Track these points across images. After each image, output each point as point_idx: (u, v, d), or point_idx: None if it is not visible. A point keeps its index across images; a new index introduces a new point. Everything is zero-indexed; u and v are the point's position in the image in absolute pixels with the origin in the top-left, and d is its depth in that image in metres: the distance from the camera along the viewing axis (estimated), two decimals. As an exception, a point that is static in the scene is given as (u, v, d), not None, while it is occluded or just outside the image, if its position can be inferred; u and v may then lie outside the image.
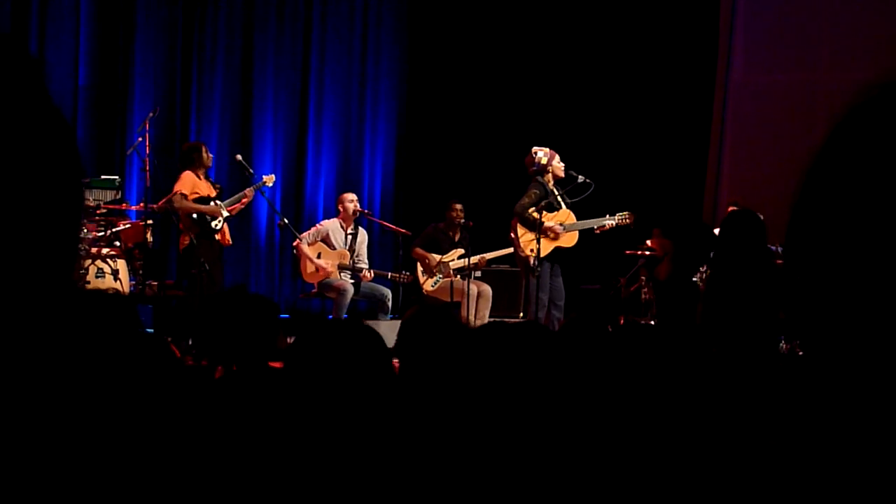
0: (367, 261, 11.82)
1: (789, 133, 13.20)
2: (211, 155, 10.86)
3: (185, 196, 10.36)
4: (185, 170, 10.67)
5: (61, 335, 1.20)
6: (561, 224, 10.74)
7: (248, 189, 11.06)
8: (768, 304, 7.29)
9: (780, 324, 7.45)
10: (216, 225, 10.45)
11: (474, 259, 11.68)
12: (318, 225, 11.95)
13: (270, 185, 11.39)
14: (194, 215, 10.38)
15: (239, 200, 10.91)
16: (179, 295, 11.13)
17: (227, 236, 10.71)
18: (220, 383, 3.91)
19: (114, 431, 1.29)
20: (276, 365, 4.29)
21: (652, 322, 11.97)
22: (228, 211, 10.69)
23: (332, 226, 11.71)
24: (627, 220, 10.96)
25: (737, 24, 14.58)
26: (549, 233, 10.63)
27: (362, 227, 12.03)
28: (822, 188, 0.97)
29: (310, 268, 11.49)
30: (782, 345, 10.18)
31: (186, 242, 10.41)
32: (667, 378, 2.59)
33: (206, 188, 10.57)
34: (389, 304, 11.55)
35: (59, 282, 1.08)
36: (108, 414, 1.29)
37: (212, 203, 10.50)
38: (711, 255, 9.02)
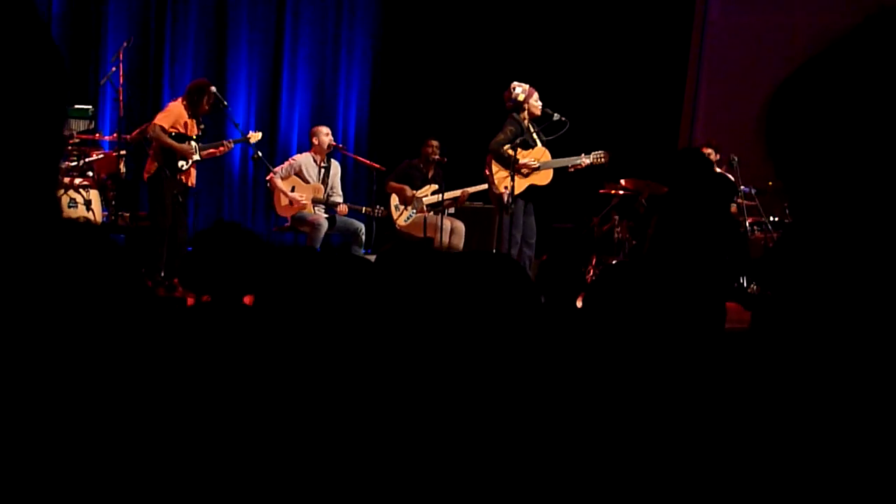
0: (341, 193, 11.77)
1: (765, 74, 13.18)
2: (208, 106, 10.65)
3: (162, 129, 10.26)
4: (179, 100, 10.59)
5: (42, 262, 1.20)
6: (536, 161, 10.74)
7: (227, 140, 10.98)
8: (724, 243, 7.27)
9: (747, 265, 7.43)
10: (182, 166, 10.35)
11: (456, 193, 11.69)
12: (290, 160, 11.86)
13: (253, 142, 11.19)
14: (165, 149, 10.31)
15: (216, 147, 10.81)
16: (147, 225, 11.04)
17: (192, 178, 10.59)
18: (194, 314, 3.91)
19: (85, 358, 1.29)
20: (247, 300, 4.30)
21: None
22: (202, 155, 10.61)
23: (304, 160, 11.63)
24: (602, 160, 10.96)
25: (715, -36, 14.53)
26: (522, 170, 10.64)
27: (335, 160, 11.96)
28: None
29: (283, 201, 11.45)
30: (753, 286, 10.23)
31: (153, 171, 10.32)
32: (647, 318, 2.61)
33: (189, 126, 10.46)
34: (363, 238, 11.53)
35: (41, 206, 1.08)
36: (81, 341, 1.29)
37: (188, 143, 10.40)
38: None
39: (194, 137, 10.46)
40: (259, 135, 11.31)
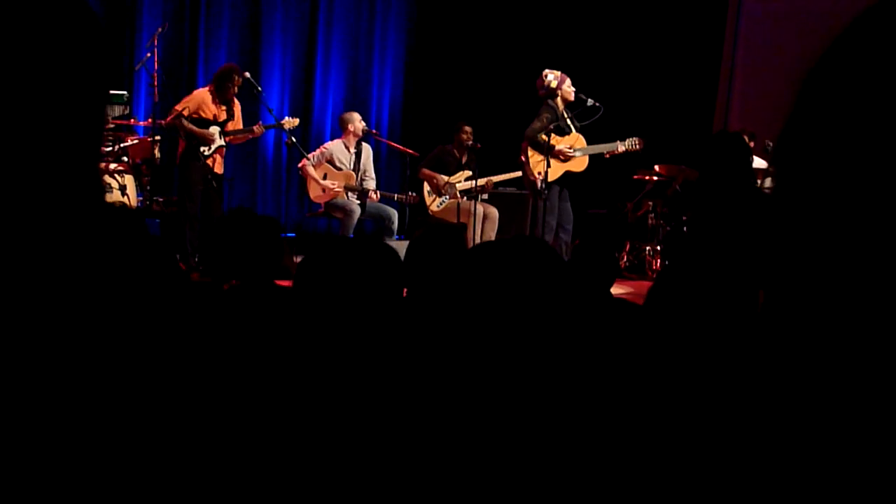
0: (374, 175, 11.76)
1: (800, 60, 13.05)
2: (235, 89, 10.64)
3: (181, 116, 10.34)
4: (206, 86, 10.65)
5: (82, 245, 1.20)
6: (571, 148, 10.73)
7: (256, 126, 10.99)
8: (753, 230, 7.14)
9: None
10: (205, 151, 10.40)
11: (481, 181, 11.66)
12: (321, 147, 11.85)
13: (288, 128, 11.14)
14: (189, 134, 10.36)
15: (246, 132, 10.84)
16: (174, 210, 11.09)
17: (218, 166, 10.61)
18: (226, 297, 3.93)
19: (120, 341, 1.30)
20: (284, 283, 4.32)
21: (658, 247, 12.00)
22: (228, 141, 10.65)
23: (336, 147, 11.63)
24: (637, 146, 10.95)
25: (751, -51, 14.43)
26: (559, 155, 10.63)
27: (368, 144, 11.95)
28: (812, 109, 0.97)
29: (316, 189, 11.46)
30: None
31: (182, 156, 10.42)
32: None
33: (213, 111, 10.49)
34: (395, 225, 11.53)
35: (84, 189, 1.09)
36: (117, 323, 1.30)
37: (210, 129, 10.44)
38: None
39: (220, 123, 10.50)
40: (296, 121, 11.27)
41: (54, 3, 1.06)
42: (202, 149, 10.38)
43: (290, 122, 11.12)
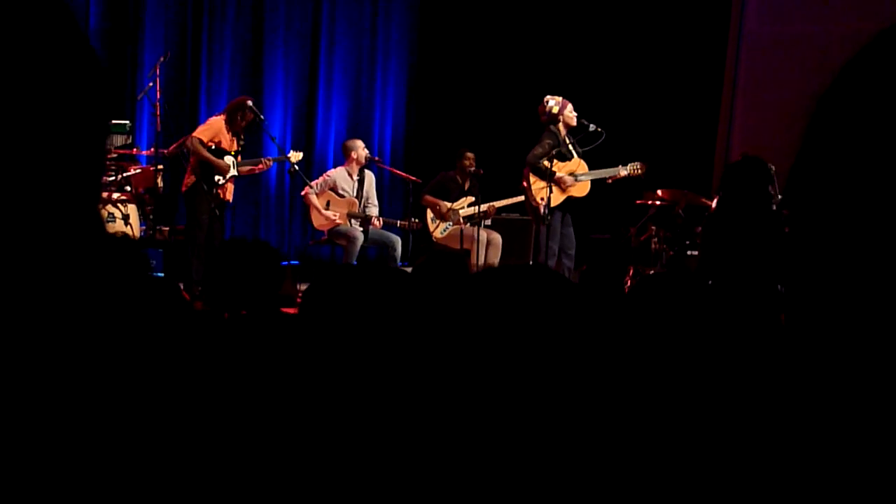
0: (376, 202, 11.80)
1: (802, 84, 13.09)
2: (244, 123, 10.64)
3: (200, 142, 10.35)
4: (220, 115, 10.67)
5: (83, 277, 1.20)
6: (573, 174, 10.73)
7: (266, 158, 11.04)
8: (768, 252, 7.14)
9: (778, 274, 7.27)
10: (219, 180, 10.42)
11: (484, 207, 11.67)
12: (325, 175, 11.89)
13: (293, 161, 11.22)
14: (202, 162, 10.37)
15: (255, 165, 10.87)
16: (180, 239, 11.10)
17: (229, 194, 10.64)
18: (231, 327, 3.92)
19: (123, 372, 1.29)
20: (289, 311, 4.32)
21: (662, 272, 11.98)
22: (239, 171, 10.66)
23: (339, 175, 11.66)
24: (639, 171, 10.96)
25: (751, -26, 14.46)
26: (560, 184, 10.63)
27: (371, 171, 11.98)
28: (823, 137, 0.96)
29: (319, 217, 11.48)
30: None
31: (190, 184, 10.40)
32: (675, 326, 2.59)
33: (227, 141, 10.52)
34: (399, 252, 11.55)
35: (84, 221, 1.09)
36: (119, 354, 1.29)
37: (226, 158, 10.46)
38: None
39: (232, 153, 10.52)
40: (300, 155, 11.33)
41: (51, 38, 1.06)
42: (216, 177, 10.39)
43: (295, 156, 11.17)
